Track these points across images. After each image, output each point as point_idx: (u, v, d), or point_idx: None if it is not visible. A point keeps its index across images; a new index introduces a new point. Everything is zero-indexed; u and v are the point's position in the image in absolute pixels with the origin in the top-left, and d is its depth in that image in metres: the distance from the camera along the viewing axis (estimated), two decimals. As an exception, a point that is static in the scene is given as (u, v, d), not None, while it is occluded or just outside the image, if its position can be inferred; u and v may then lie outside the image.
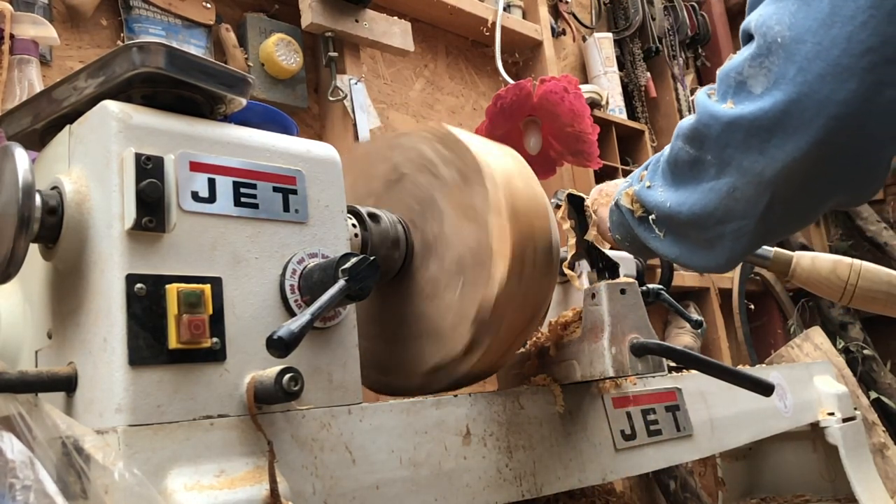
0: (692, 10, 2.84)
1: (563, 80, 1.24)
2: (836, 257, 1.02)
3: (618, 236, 0.87)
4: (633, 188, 0.81)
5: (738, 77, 0.65)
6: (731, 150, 0.66)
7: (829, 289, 1.01)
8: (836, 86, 0.58)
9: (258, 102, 0.99)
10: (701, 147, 0.69)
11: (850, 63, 0.57)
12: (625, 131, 2.29)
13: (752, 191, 0.66)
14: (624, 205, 0.82)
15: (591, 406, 0.97)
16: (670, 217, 0.75)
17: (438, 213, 0.85)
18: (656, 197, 0.76)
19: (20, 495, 0.51)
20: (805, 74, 0.59)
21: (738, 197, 0.68)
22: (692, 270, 0.79)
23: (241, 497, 0.57)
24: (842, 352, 2.46)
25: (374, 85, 1.71)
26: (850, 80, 0.58)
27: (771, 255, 1.04)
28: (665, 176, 0.76)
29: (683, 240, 0.76)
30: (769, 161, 0.64)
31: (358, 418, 0.71)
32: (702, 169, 0.70)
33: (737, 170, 0.67)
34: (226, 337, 0.63)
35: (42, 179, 0.67)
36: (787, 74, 0.60)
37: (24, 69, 1.08)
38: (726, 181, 0.68)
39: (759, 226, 0.69)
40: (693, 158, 0.71)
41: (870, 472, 1.52)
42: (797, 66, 0.60)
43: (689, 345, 2.20)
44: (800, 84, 0.60)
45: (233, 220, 0.67)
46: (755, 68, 0.64)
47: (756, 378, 0.86)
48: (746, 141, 0.65)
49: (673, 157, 0.74)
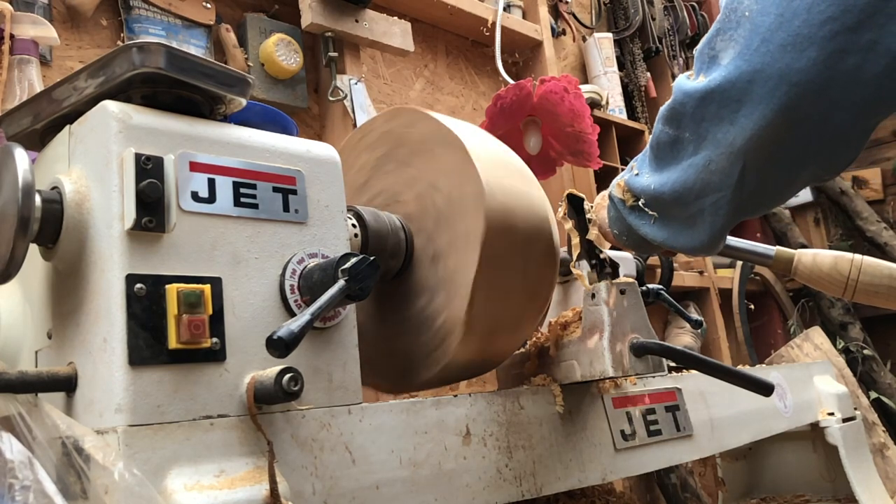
0: (692, 10, 2.84)
1: (563, 80, 1.24)
2: (838, 253, 1.02)
3: (615, 231, 0.89)
4: (624, 178, 0.84)
5: (710, 52, 0.69)
6: (707, 123, 0.69)
7: (831, 284, 1.02)
8: (796, 54, 0.60)
9: (258, 102, 0.99)
10: (679, 125, 0.72)
11: (809, 32, 0.59)
12: (625, 131, 2.29)
13: (726, 161, 0.69)
14: (616, 195, 0.85)
15: (591, 406, 0.97)
16: (655, 198, 0.77)
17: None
18: (642, 182, 0.79)
19: (19, 495, 0.51)
20: (768, 45, 0.62)
21: (714, 169, 0.70)
22: (681, 252, 0.81)
23: (241, 497, 0.57)
24: (842, 352, 2.47)
25: (374, 85, 1.71)
26: (809, 48, 0.60)
27: (773, 253, 1.05)
28: (650, 161, 0.79)
29: (670, 221, 0.78)
30: (739, 130, 0.67)
31: (358, 418, 0.71)
32: (681, 147, 0.73)
33: (711, 142, 0.70)
34: (226, 337, 0.63)
35: (42, 179, 0.67)
36: (752, 45, 0.63)
37: (24, 69, 1.08)
38: (703, 155, 0.71)
39: (734, 196, 0.71)
40: (672, 139, 0.73)
41: (870, 472, 1.52)
42: (760, 37, 0.62)
43: (689, 345, 2.20)
44: (763, 54, 0.62)
45: (233, 220, 0.67)
46: (725, 41, 0.67)
47: (756, 378, 0.86)
48: (719, 113, 0.67)
49: (655, 140, 0.77)
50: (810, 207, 3.16)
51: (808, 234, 3.11)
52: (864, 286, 0.99)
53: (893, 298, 1.00)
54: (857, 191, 3.06)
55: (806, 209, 3.16)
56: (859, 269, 1.00)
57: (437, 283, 0.86)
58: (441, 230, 0.87)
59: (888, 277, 0.99)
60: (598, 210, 0.95)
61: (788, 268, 1.05)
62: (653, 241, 0.81)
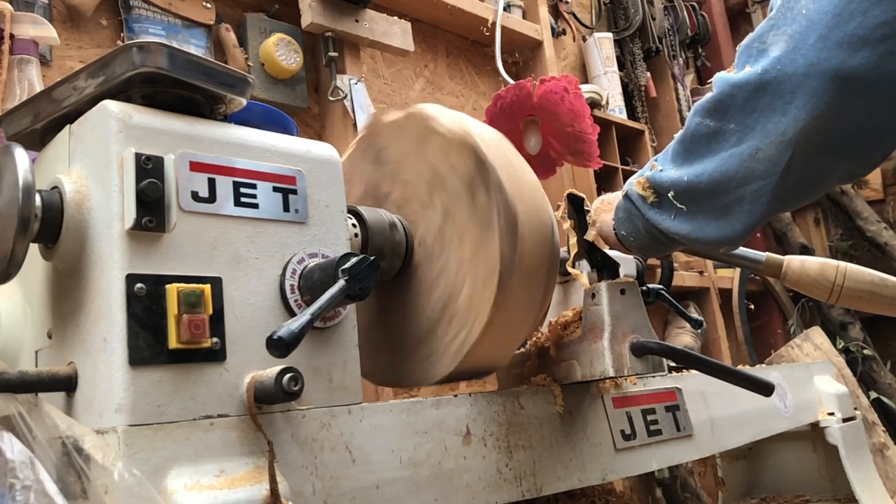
0: (692, 10, 2.84)
1: (563, 80, 1.24)
2: (825, 260, 1.10)
3: (623, 232, 0.88)
4: (645, 175, 0.84)
5: (761, 45, 0.73)
6: (757, 113, 0.73)
7: (817, 289, 1.09)
8: (851, 52, 0.66)
9: (258, 102, 0.99)
10: (723, 117, 0.75)
11: (864, 34, 0.66)
12: (625, 131, 2.29)
13: (775, 150, 0.73)
14: (635, 191, 0.85)
15: (591, 406, 0.97)
16: (689, 189, 0.79)
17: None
18: (670, 175, 0.80)
19: (20, 495, 0.51)
20: (825, 42, 0.67)
21: (761, 157, 0.74)
22: (704, 246, 0.82)
23: (241, 497, 0.57)
24: (842, 352, 2.47)
25: (374, 85, 1.71)
26: (863, 48, 0.66)
27: (763, 259, 1.10)
28: (676, 156, 0.81)
29: (698, 213, 0.80)
30: (791, 121, 0.71)
31: (358, 418, 0.71)
32: (721, 139, 0.76)
33: (760, 132, 0.73)
34: (226, 337, 0.63)
35: (42, 179, 0.67)
36: (808, 41, 0.68)
37: (24, 69, 1.08)
38: (749, 144, 0.74)
39: (778, 184, 0.74)
40: (713, 130, 0.76)
41: (870, 472, 1.52)
42: (818, 34, 0.68)
43: (689, 345, 2.20)
44: (819, 49, 0.68)
45: (233, 220, 0.67)
46: (778, 36, 0.71)
47: (756, 378, 0.86)
48: (772, 103, 0.71)
49: (689, 134, 0.79)
50: (810, 207, 3.15)
51: (809, 234, 3.10)
52: (848, 291, 1.07)
53: (875, 303, 1.08)
54: (858, 191, 3.06)
55: (806, 209, 3.15)
56: (844, 275, 1.07)
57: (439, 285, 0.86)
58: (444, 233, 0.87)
59: (870, 284, 1.07)
60: (599, 213, 0.94)
61: (778, 273, 1.12)
62: (675, 235, 0.82)
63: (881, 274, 1.09)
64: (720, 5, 3.12)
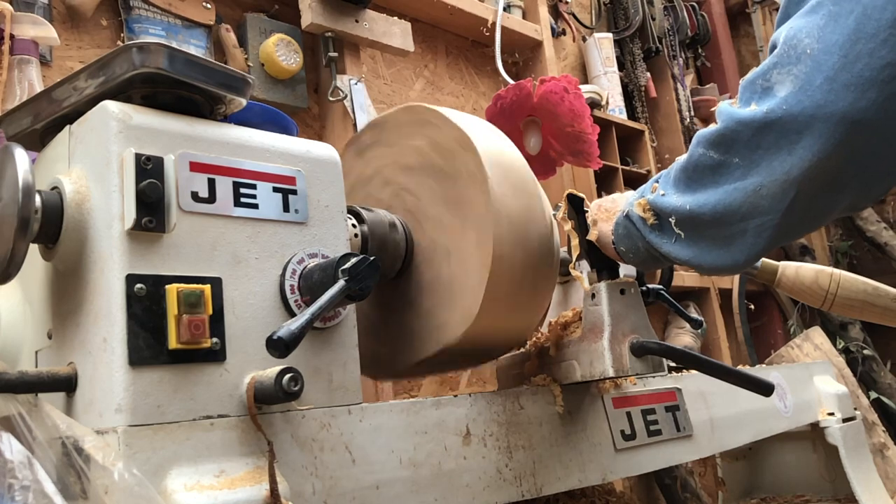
0: (692, 10, 2.84)
1: (563, 80, 1.24)
2: (819, 267, 1.11)
3: (622, 248, 0.88)
4: (646, 197, 0.83)
5: (765, 83, 0.71)
6: (762, 151, 0.72)
7: (811, 297, 1.11)
8: (858, 94, 0.66)
9: (258, 102, 0.99)
10: (728, 151, 0.74)
11: (871, 75, 0.65)
12: (625, 131, 2.29)
13: (779, 188, 0.72)
14: (636, 213, 0.84)
15: (591, 406, 0.97)
16: (691, 218, 0.78)
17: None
18: (672, 202, 0.80)
19: (19, 495, 0.51)
20: (832, 83, 0.67)
21: (765, 194, 0.73)
22: (703, 272, 0.81)
23: (241, 497, 0.57)
24: (842, 352, 2.46)
25: (374, 85, 1.71)
26: (870, 90, 0.65)
27: (758, 264, 1.11)
28: (678, 183, 0.80)
29: (699, 240, 0.79)
30: (797, 160, 0.70)
31: (358, 418, 0.71)
32: (725, 172, 0.75)
33: (766, 169, 0.72)
34: (226, 337, 0.63)
35: (42, 179, 0.67)
36: (815, 82, 0.67)
37: (24, 69, 1.08)
38: (753, 181, 0.73)
39: (781, 221, 0.74)
40: (717, 163, 0.75)
41: (870, 472, 1.52)
42: (824, 76, 0.67)
43: (689, 345, 2.20)
44: (826, 91, 0.67)
45: (233, 221, 0.67)
46: (783, 75, 0.70)
47: (756, 378, 0.86)
48: (777, 142, 0.71)
49: (692, 163, 0.78)
50: (810, 207, 3.14)
51: (808, 234, 3.11)
52: (841, 300, 1.09)
53: (867, 312, 1.10)
54: (857, 191, 3.05)
55: (806, 209, 3.14)
56: (838, 283, 1.09)
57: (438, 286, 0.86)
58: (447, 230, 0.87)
59: (862, 293, 1.09)
60: (598, 222, 0.94)
61: (772, 279, 1.13)
62: (675, 259, 0.82)
63: (875, 283, 1.11)
64: (720, 5, 3.12)
